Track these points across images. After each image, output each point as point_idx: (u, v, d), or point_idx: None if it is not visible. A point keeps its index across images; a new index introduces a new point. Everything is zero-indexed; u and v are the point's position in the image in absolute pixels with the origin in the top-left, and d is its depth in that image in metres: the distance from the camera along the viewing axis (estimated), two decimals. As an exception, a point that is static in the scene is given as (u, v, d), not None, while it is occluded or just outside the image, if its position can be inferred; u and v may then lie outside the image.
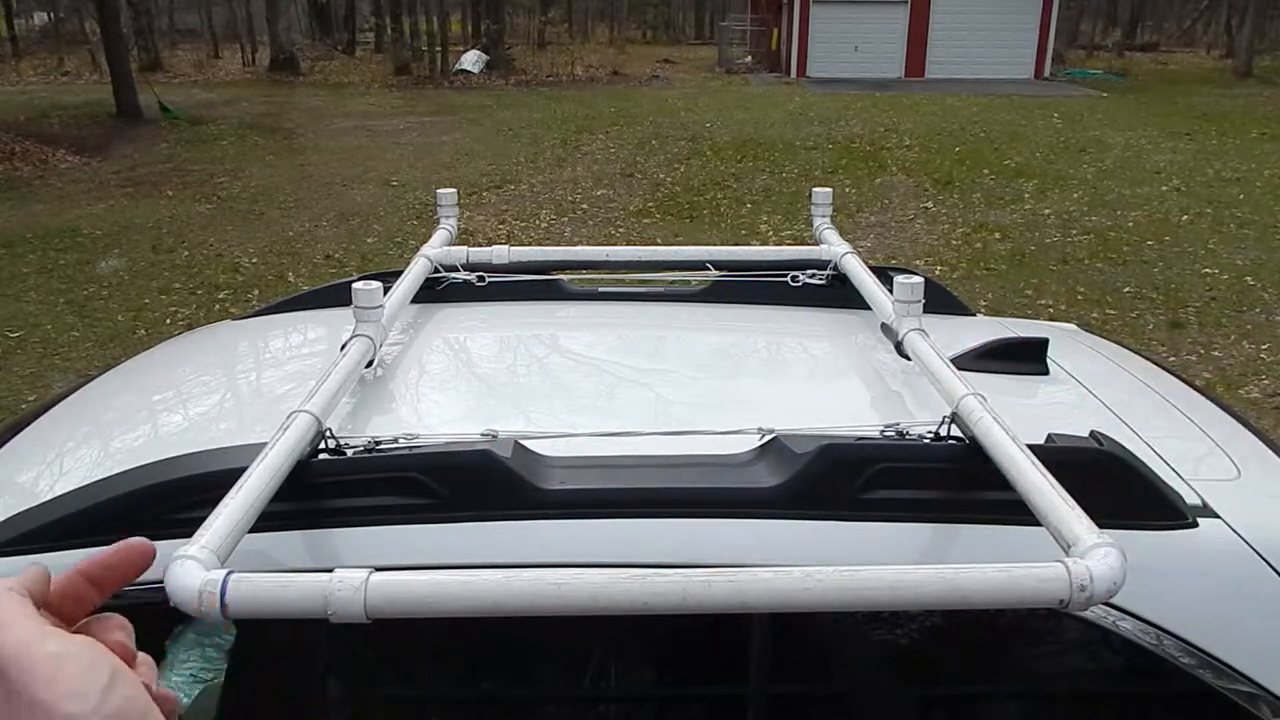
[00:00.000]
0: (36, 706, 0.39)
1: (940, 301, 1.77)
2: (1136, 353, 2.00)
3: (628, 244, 7.72)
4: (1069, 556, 0.84)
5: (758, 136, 13.51)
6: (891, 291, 1.42)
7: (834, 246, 1.74)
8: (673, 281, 1.88)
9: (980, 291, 6.51)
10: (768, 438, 1.11)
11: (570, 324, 1.76)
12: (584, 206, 9.49)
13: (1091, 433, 1.10)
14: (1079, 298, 6.38)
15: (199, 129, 14.77)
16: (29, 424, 1.54)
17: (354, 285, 1.36)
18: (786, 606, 0.82)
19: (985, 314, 2.26)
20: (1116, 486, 1.04)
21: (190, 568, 0.81)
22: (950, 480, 1.06)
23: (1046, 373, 1.50)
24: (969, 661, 1.25)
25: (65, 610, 0.47)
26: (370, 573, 0.82)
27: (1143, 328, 5.71)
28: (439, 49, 24.04)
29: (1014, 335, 1.54)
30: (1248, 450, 1.35)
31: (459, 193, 1.94)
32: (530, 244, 7.78)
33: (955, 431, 1.07)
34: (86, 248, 7.99)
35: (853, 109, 16.53)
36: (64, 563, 1.09)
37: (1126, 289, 6.58)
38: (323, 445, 1.05)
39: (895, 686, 1.24)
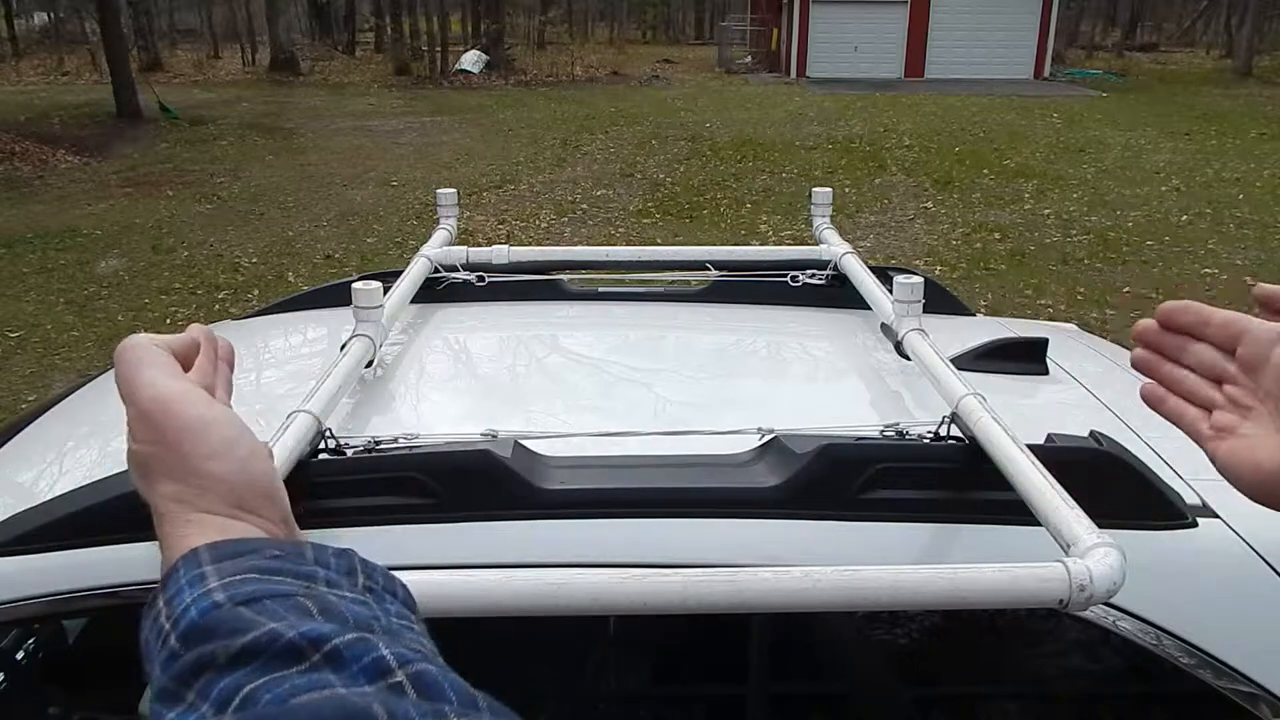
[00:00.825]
0: (181, 456, 0.45)
1: (940, 301, 1.77)
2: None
3: (628, 244, 7.73)
4: (1069, 556, 0.84)
5: (757, 136, 13.51)
6: (891, 291, 1.42)
7: (834, 246, 1.74)
8: (673, 281, 1.88)
9: (980, 291, 6.51)
10: (768, 438, 1.11)
11: (570, 324, 1.76)
12: (584, 207, 9.49)
13: (1091, 433, 1.10)
14: (1079, 298, 6.38)
15: (199, 129, 14.77)
16: (29, 424, 1.54)
17: (354, 285, 1.35)
18: (786, 606, 0.82)
19: (985, 314, 2.27)
20: (1116, 486, 1.04)
21: (190, 568, 0.81)
22: (950, 480, 1.06)
23: (1046, 373, 1.49)
24: (969, 661, 1.25)
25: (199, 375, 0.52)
26: (370, 573, 0.82)
27: (1143, 328, 5.70)
28: (439, 49, 24.04)
29: (1014, 335, 1.54)
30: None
31: (459, 193, 1.94)
32: (530, 244, 7.78)
33: (955, 431, 1.07)
34: (86, 248, 7.99)
35: (852, 109, 16.53)
36: (64, 562, 1.09)
37: (1126, 289, 6.58)
38: (323, 445, 1.05)
39: (895, 686, 1.24)
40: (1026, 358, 1.49)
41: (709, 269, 1.76)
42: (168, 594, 0.41)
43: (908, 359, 1.34)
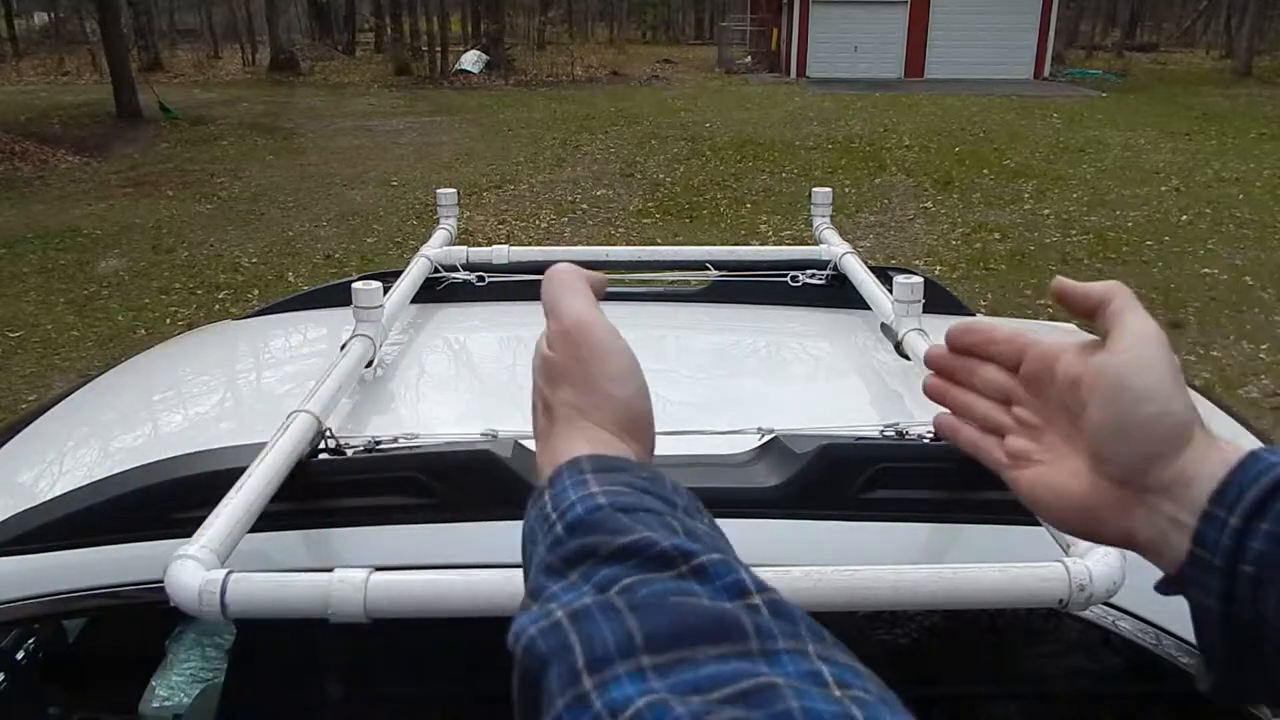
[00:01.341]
0: (589, 373, 0.51)
1: (940, 301, 1.77)
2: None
3: (628, 244, 7.73)
4: (1068, 556, 0.84)
5: (757, 136, 13.52)
6: (891, 291, 1.42)
7: (834, 246, 1.74)
8: (673, 281, 1.88)
9: (980, 291, 6.51)
10: (768, 438, 1.11)
11: (570, 324, 1.75)
12: (584, 206, 9.50)
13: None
14: (1079, 298, 6.38)
15: (199, 129, 14.78)
16: (29, 424, 1.54)
17: (354, 285, 1.35)
18: (786, 606, 0.82)
19: (985, 314, 2.27)
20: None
21: (190, 567, 0.81)
22: (950, 480, 1.06)
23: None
24: (969, 661, 1.26)
25: None
26: (370, 572, 0.82)
27: (1142, 328, 5.70)
28: (439, 49, 24.05)
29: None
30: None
31: (459, 193, 1.94)
32: (530, 244, 7.78)
33: (955, 431, 1.07)
34: (86, 248, 8.00)
35: (852, 109, 16.53)
36: (64, 562, 1.08)
37: (1126, 289, 6.58)
38: (323, 445, 1.05)
39: (895, 686, 1.24)
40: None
41: (709, 269, 1.76)
42: (554, 490, 0.46)
43: (908, 359, 1.34)
